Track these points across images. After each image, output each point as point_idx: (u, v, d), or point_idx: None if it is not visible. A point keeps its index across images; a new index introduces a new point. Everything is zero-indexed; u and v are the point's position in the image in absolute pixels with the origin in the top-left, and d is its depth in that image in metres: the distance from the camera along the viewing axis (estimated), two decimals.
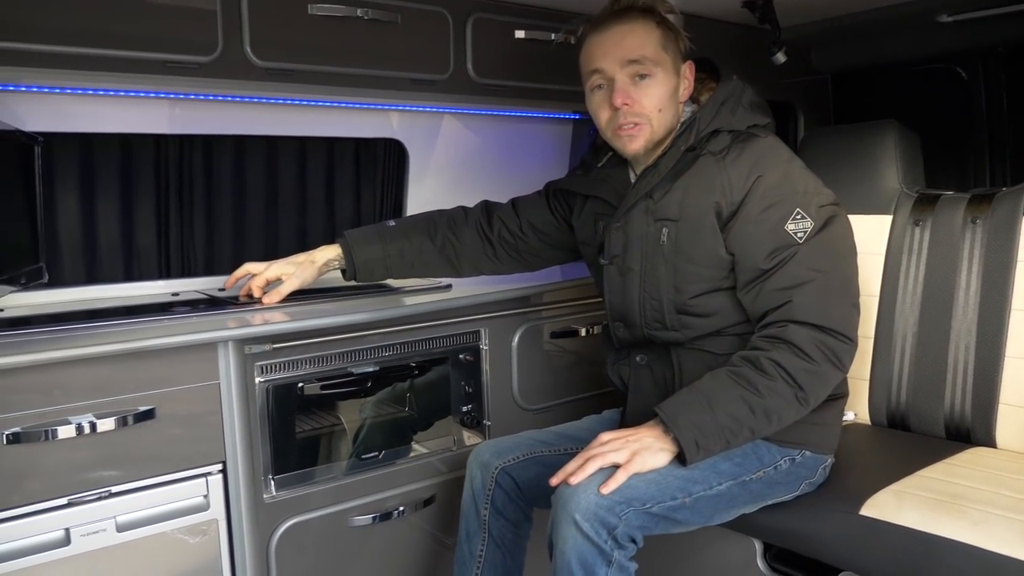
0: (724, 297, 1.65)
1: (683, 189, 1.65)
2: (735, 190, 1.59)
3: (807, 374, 1.50)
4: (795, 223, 1.55)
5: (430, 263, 1.98)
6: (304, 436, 1.88)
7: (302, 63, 1.89)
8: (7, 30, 1.53)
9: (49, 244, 1.99)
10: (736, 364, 1.53)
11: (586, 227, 1.87)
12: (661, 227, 1.66)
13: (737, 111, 1.65)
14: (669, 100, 1.65)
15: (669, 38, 1.65)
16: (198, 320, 1.72)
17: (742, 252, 1.59)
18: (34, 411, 1.44)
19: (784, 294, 1.54)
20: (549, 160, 2.84)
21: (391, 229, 1.96)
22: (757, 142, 1.63)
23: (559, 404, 2.32)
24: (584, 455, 1.49)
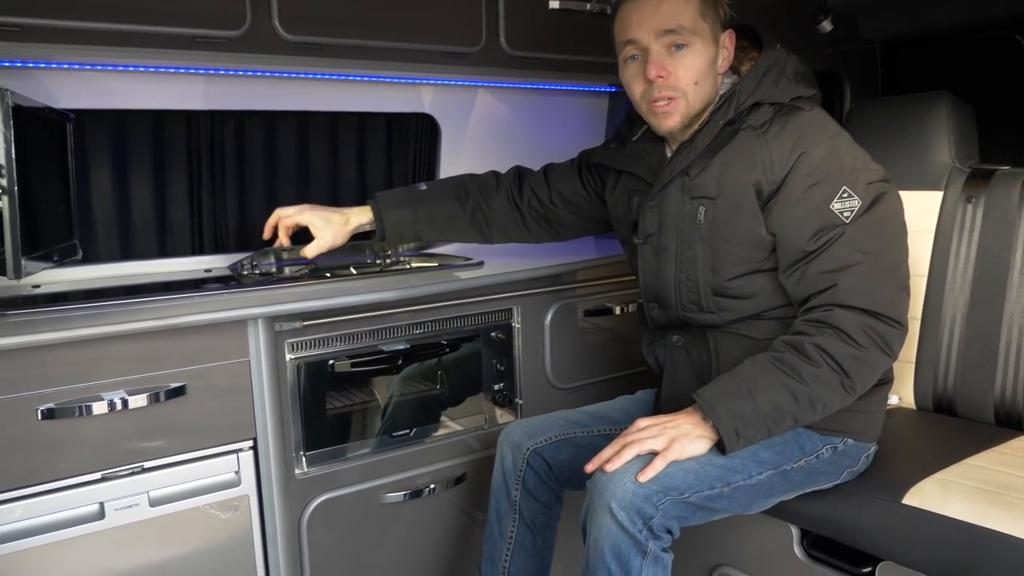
0: (764, 279, 1.58)
1: (721, 165, 1.57)
2: (777, 167, 1.52)
3: (854, 360, 1.43)
4: (841, 202, 1.48)
5: (460, 228, 1.96)
6: (335, 413, 1.88)
7: (331, 37, 1.86)
8: (37, 7, 1.53)
9: (84, 220, 2.00)
10: (778, 349, 1.47)
11: (620, 204, 1.81)
12: (698, 205, 1.60)
13: (780, 82, 1.57)
14: (707, 72, 1.57)
15: (708, 5, 1.56)
16: (229, 297, 1.72)
17: (784, 233, 1.52)
18: (67, 387, 1.46)
19: (829, 277, 1.47)
20: (584, 134, 2.77)
21: (422, 193, 1.93)
22: (801, 115, 1.55)
23: (592, 383, 2.29)
24: (620, 441, 1.45)
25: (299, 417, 1.79)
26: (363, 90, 2.25)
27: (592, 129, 2.79)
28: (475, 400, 2.10)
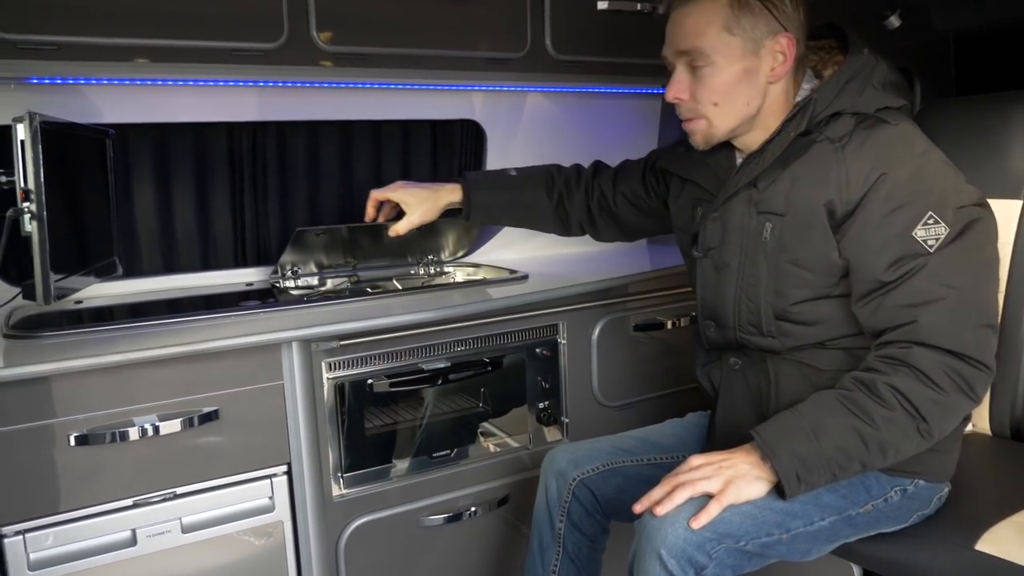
0: (832, 306, 1.45)
1: (791, 180, 1.44)
2: (853, 187, 1.38)
3: (933, 404, 1.30)
4: (926, 229, 1.33)
5: (543, 218, 1.92)
6: (374, 433, 1.83)
7: (370, 46, 1.81)
8: (72, 25, 1.51)
9: (127, 234, 2.01)
10: (848, 387, 1.35)
11: (683, 212, 1.69)
12: (764, 221, 1.47)
13: (865, 91, 1.42)
14: (735, 89, 1.44)
15: (744, 15, 1.41)
16: (265, 317, 1.68)
17: (859, 260, 1.39)
18: (100, 412, 1.44)
19: (909, 312, 1.33)
20: (636, 136, 2.68)
21: (511, 178, 1.91)
22: (885, 130, 1.40)
23: (641, 401, 2.20)
24: (672, 480, 1.34)
25: (336, 438, 1.75)
26: (406, 97, 2.20)
27: (644, 131, 2.69)
28: (518, 419, 2.03)
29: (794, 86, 1.49)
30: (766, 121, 1.49)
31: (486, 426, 1.99)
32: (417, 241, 2.27)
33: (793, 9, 1.43)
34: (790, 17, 1.42)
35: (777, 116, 1.48)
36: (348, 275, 2.22)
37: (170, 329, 1.58)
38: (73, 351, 1.42)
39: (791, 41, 1.43)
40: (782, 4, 1.42)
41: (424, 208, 1.83)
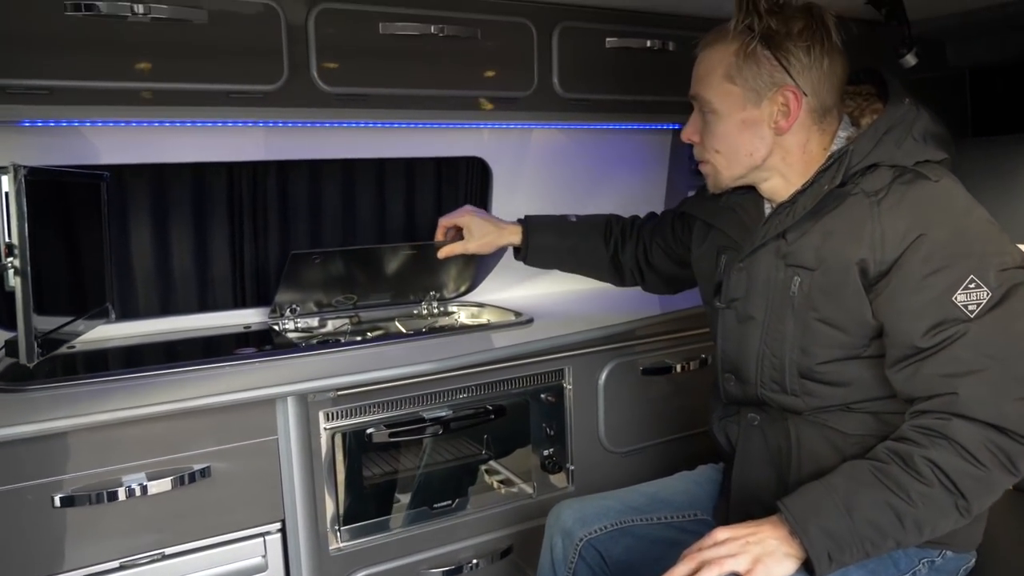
0: (861, 367, 1.38)
1: (823, 234, 1.37)
2: (888, 246, 1.30)
3: (972, 480, 1.22)
4: (967, 293, 1.25)
5: (598, 266, 1.93)
6: (372, 483, 1.77)
7: (373, 87, 1.77)
8: (67, 69, 1.48)
9: (124, 275, 1.97)
10: (882, 459, 1.27)
11: (706, 259, 1.63)
12: (793, 274, 1.40)
13: (904, 143, 1.34)
14: (733, 139, 1.41)
15: (747, 65, 1.36)
16: (261, 367, 1.63)
17: (895, 324, 1.31)
18: (86, 472, 1.39)
19: (947, 382, 1.26)
20: (646, 171, 2.64)
21: (571, 224, 1.93)
22: (925, 186, 1.32)
23: (650, 446, 2.13)
24: (696, 556, 1.25)
25: (334, 490, 1.69)
26: (409, 135, 2.16)
27: (654, 166, 2.65)
28: (522, 466, 1.97)
29: (820, 135, 1.41)
30: (786, 170, 1.43)
31: (488, 474, 1.93)
32: (419, 277, 2.22)
33: (809, 62, 1.35)
34: (802, 69, 1.35)
35: (803, 166, 1.42)
36: (349, 316, 2.17)
37: (162, 381, 1.53)
38: (60, 406, 1.37)
39: (796, 95, 1.36)
40: (793, 56, 1.35)
41: (484, 241, 1.89)
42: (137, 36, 1.52)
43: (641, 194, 2.64)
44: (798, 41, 1.35)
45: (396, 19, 1.76)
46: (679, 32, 2.11)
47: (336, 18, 1.70)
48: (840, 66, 1.38)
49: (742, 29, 1.36)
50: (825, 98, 1.38)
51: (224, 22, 1.58)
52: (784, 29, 1.35)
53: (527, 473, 1.96)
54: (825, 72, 1.37)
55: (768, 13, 1.35)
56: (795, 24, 1.35)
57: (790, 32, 1.35)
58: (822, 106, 1.39)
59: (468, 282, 2.36)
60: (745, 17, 1.36)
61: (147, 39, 1.53)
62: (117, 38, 1.50)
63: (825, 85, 1.37)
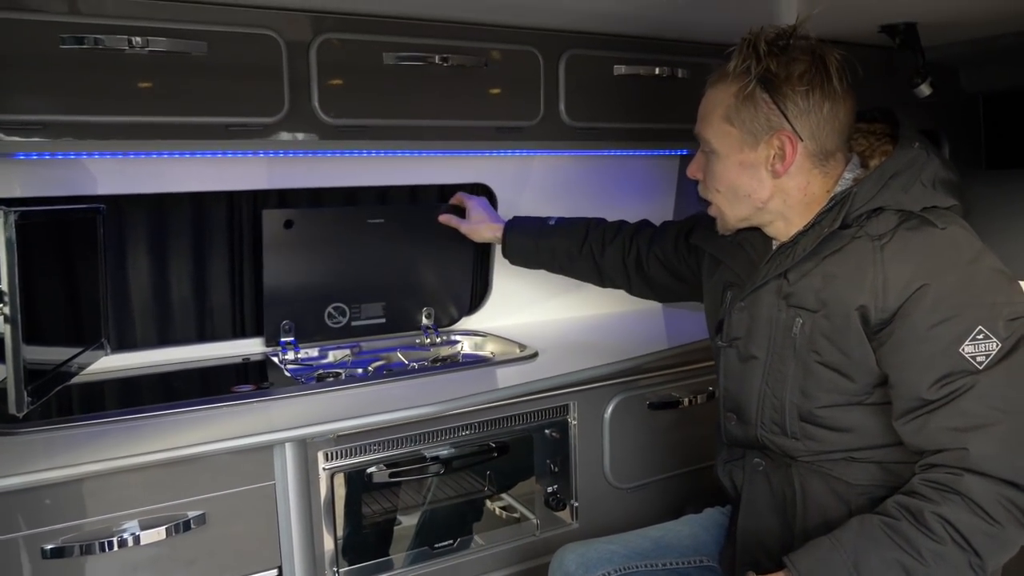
0: (864, 414, 1.35)
1: (824, 276, 1.35)
2: (891, 294, 1.27)
3: (986, 537, 1.19)
4: (974, 344, 1.22)
5: (576, 269, 2.01)
6: (372, 523, 1.73)
7: (376, 118, 1.74)
8: (64, 103, 1.44)
9: (121, 305, 1.93)
10: (892, 515, 1.24)
11: (713, 294, 1.60)
12: (795, 316, 1.38)
13: (912, 188, 1.31)
14: (732, 180, 1.39)
15: (745, 107, 1.34)
16: (259, 408, 1.59)
17: (900, 375, 1.28)
18: (76, 522, 1.35)
19: (957, 437, 1.22)
20: (653, 196, 2.60)
21: (549, 227, 2.01)
22: (931, 234, 1.28)
23: (656, 481, 2.08)
24: None
25: (332, 531, 1.64)
26: (413, 163, 2.12)
27: (662, 190, 2.61)
28: (525, 503, 1.92)
29: (823, 178, 1.38)
30: (788, 212, 1.40)
31: (490, 512, 1.89)
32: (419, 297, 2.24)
33: (807, 104, 1.32)
34: (799, 113, 1.33)
35: (806, 208, 1.39)
36: (351, 347, 2.13)
37: (158, 422, 1.50)
38: (54, 451, 1.34)
39: (792, 139, 1.33)
40: (791, 100, 1.32)
41: (471, 227, 2.09)
42: (135, 69, 1.48)
43: (649, 217, 2.58)
44: (797, 85, 1.32)
45: (400, 48, 1.72)
46: (689, 59, 2.08)
47: (339, 48, 1.67)
48: (844, 110, 1.35)
49: (742, 71, 1.35)
50: (825, 142, 1.35)
51: (224, 54, 1.55)
52: (784, 72, 1.32)
53: (530, 510, 1.92)
54: (825, 116, 1.33)
55: (768, 56, 1.33)
56: (796, 67, 1.32)
57: (790, 76, 1.32)
58: (822, 150, 1.36)
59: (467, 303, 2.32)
60: (744, 59, 1.34)
61: (145, 72, 1.49)
62: (114, 71, 1.46)
63: (825, 129, 1.34)
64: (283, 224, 2.00)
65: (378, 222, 2.14)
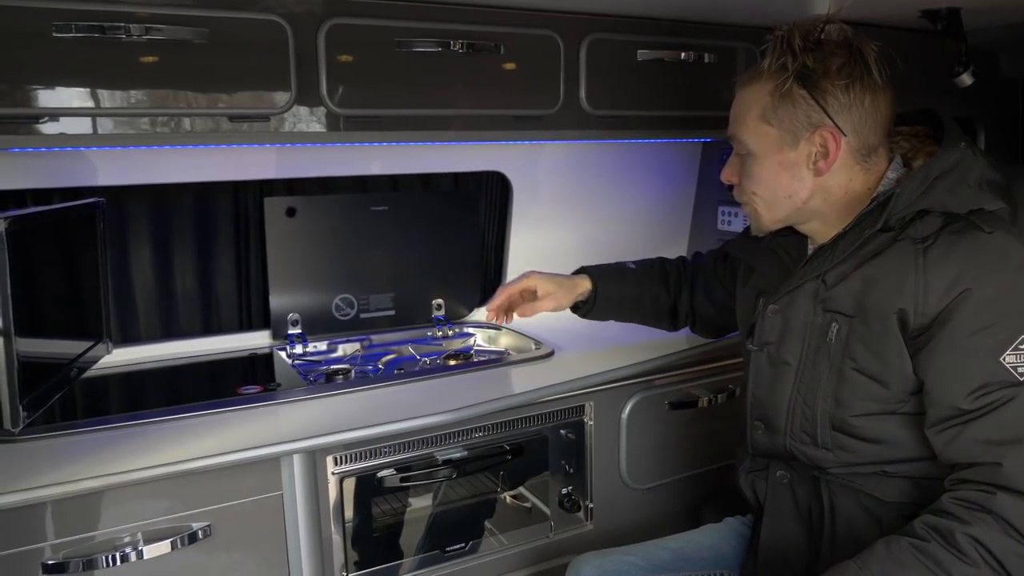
0: (898, 424, 1.29)
1: (863, 280, 1.29)
2: (931, 299, 1.21)
3: (1020, 559, 1.14)
4: (1017, 354, 1.17)
5: (659, 314, 1.85)
6: (383, 526, 1.68)
7: (387, 108, 1.64)
8: (62, 96, 1.36)
9: (125, 298, 1.88)
10: (921, 536, 1.18)
11: (747, 302, 1.55)
12: (831, 320, 1.32)
13: (959, 189, 1.25)
14: (771, 180, 1.34)
15: (783, 105, 1.29)
16: (266, 411, 1.54)
17: (936, 383, 1.22)
18: (77, 536, 1.30)
19: (991, 451, 1.17)
20: (674, 183, 2.51)
21: (632, 271, 1.85)
22: (976, 238, 1.22)
23: (672, 481, 2.03)
24: None
25: (341, 536, 1.60)
26: (424, 151, 2.04)
27: (684, 178, 2.52)
28: (539, 505, 1.87)
29: (865, 175, 1.33)
30: (828, 212, 1.35)
31: (504, 513, 1.84)
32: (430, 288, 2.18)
33: (849, 100, 1.27)
34: (840, 108, 1.28)
35: (847, 208, 1.34)
36: (360, 340, 2.07)
37: (162, 428, 1.45)
38: (56, 459, 1.29)
39: (835, 135, 1.28)
40: (831, 94, 1.27)
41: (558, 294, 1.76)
42: (134, 58, 1.40)
43: (667, 207, 2.52)
44: (836, 79, 1.27)
45: (413, 34, 1.63)
46: (717, 42, 1.97)
47: (348, 34, 1.58)
48: (885, 103, 1.30)
49: (777, 68, 1.29)
50: (868, 137, 1.30)
51: (227, 42, 1.46)
52: (821, 67, 1.27)
53: (544, 511, 1.87)
54: (867, 110, 1.28)
55: (804, 51, 1.27)
56: (833, 61, 1.27)
57: (828, 70, 1.27)
58: (865, 146, 1.30)
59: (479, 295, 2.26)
60: (780, 56, 1.29)
61: (145, 61, 1.41)
62: (112, 61, 1.38)
63: (868, 124, 1.29)
64: (286, 212, 1.95)
65: (382, 209, 2.08)
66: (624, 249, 2.45)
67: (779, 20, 1.80)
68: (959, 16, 1.85)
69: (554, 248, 2.35)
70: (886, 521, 1.32)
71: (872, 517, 1.33)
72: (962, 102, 2.27)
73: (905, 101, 1.39)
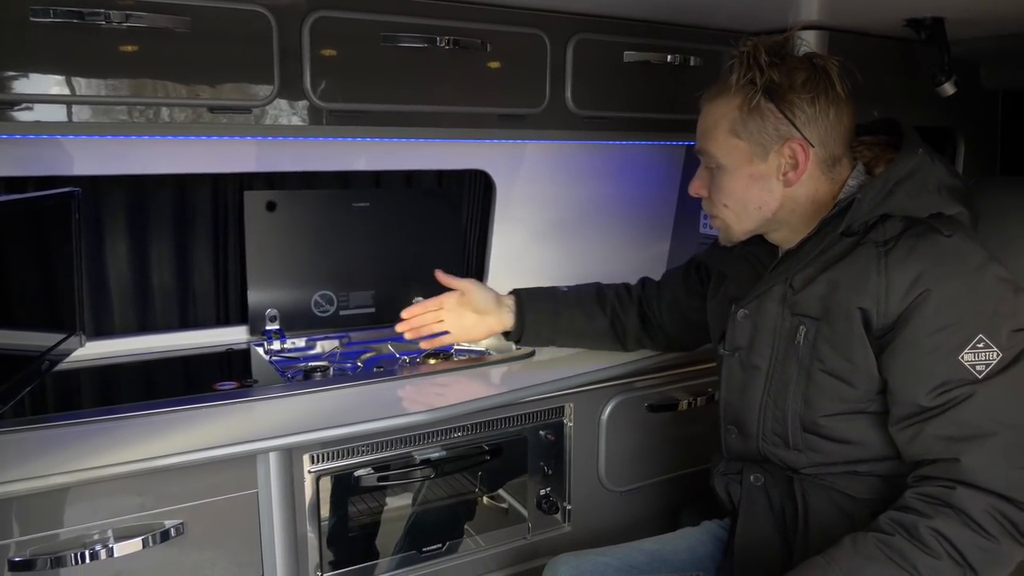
0: (868, 424, 1.32)
1: (828, 283, 1.32)
2: (892, 300, 1.25)
3: (980, 552, 1.16)
4: (975, 353, 1.20)
5: (599, 335, 1.87)
6: (359, 526, 1.66)
7: (371, 103, 1.63)
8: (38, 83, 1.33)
9: (99, 290, 1.84)
10: (886, 530, 1.21)
11: (719, 309, 1.58)
12: (799, 323, 1.36)
13: (920, 194, 1.29)
14: (742, 193, 1.37)
15: (752, 118, 1.32)
16: (241, 408, 1.52)
17: (898, 381, 1.26)
18: (45, 533, 1.27)
19: (951, 446, 1.20)
20: (657, 184, 2.51)
21: (564, 295, 1.87)
22: (936, 241, 1.25)
23: (651, 483, 2.03)
24: None
25: (317, 536, 1.58)
26: (408, 147, 2.02)
27: (666, 179, 2.52)
28: (516, 506, 1.86)
29: (830, 185, 1.38)
30: (795, 221, 1.40)
31: (481, 514, 1.83)
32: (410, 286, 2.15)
33: (815, 112, 1.32)
34: (807, 120, 1.32)
35: (813, 215, 1.38)
36: (339, 337, 2.05)
37: (135, 424, 1.42)
38: (25, 454, 1.26)
39: (803, 147, 1.33)
40: (798, 107, 1.31)
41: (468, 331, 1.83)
42: (113, 46, 1.37)
43: (650, 209, 2.52)
44: (802, 92, 1.31)
45: (399, 29, 1.61)
46: (703, 46, 1.98)
47: (333, 28, 1.56)
48: (847, 115, 1.35)
49: (744, 83, 1.32)
50: (833, 148, 1.35)
51: (210, 31, 1.43)
52: (787, 81, 1.31)
53: (522, 512, 1.86)
54: (831, 122, 1.33)
55: (770, 66, 1.31)
56: (798, 76, 1.32)
57: (793, 84, 1.31)
58: (831, 156, 1.35)
59: None
60: (747, 71, 1.32)
61: (124, 49, 1.38)
62: (90, 48, 1.35)
63: (832, 135, 1.34)
64: (265, 206, 1.93)
65: (364, 206, 2.06)
66: (606, 251, 2.46)
67: (765, 25, 1.82)
68: (943, 26, 1.86)
69: (536, 248, 2.34)
70: (858, 518, 1.34)
71: (844, 514, 1.36)
72: (942, 113, 2.29)
73: (886, 109, 1.41)
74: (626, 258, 2.48)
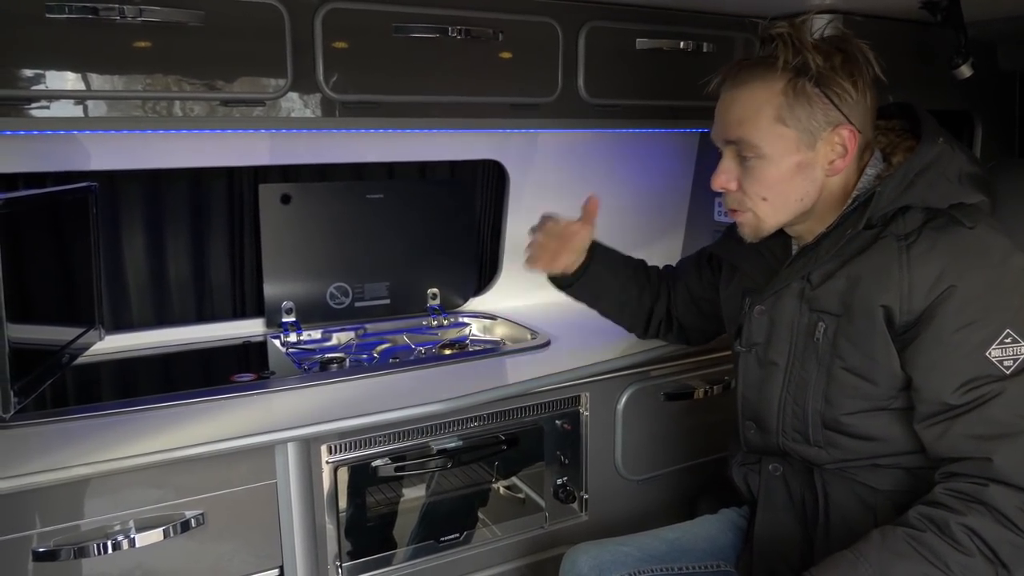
0: (890, 420, 1.30)
1: (848, 278, 1.29)
2: (916, 296, 1.22)
3: (1013, 549, 1.14)
4: (1002, 348, 1.17)
5: (636, 313, 1.83)
6: (378, 516, 1.67)
7: (384, 94, 1.62)
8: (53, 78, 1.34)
9: (117, 284, 1.86)
10: (916, 526, 1.19)
11: (732, 301, 1.55)
12: (817, 320, 1.32)
13: (939, 184, 1.25)
14: (784, 185, 1.30)
15: (799, 104, 1.26)
16: (260, 399, 1.53)
17: (924, 379, 1.23)
18: (68, 524, 1.28)
19: (981, 445, 1.17)
20: (671, 172, 2.50)
21: (628, 259, 1.83)
22: (958, 233, 1.22)
23: (668, 472, 2.03)
24: None
25: (335, 526, 1.59)
26: (421, 138, 2.02)
27: (681, 168, 2.51)
28: (533, 496, 1.86)
29: (857, 173, 1.33)
30: (822, 212, 1.35)
31: (498, 504, 1.83)
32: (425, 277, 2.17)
33: (858, 96, 1.27)
34: (853, 105, 1.27)
35: (839, 204, 1.34)
36: (355, 329, 2.05)
37: (155, 416, 1.43)
38: (48, 445, 1.27)
39: (852, 133, 1.28)
40: (844, 92, 1.26)
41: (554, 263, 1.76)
42: (127, 41, 1.37)
43: (664, 197, 2.51)
44: (844, 76, 1.26)
45: (410, 19, 1.61)
46: (716, 32, 1.96)
47: (345, 19, 1.56)
48: (876, 100, 1.31)
49: (790, 66, 1.26)
50: (868, 133, 1.31)
51: (223, 25, 1.44)
52: (828, 64, 1.26)
53: (539, 502, 1.86)
54: (869, 107, 1.29)
55: (812, 48, 1.26)
56: (836, 58, 1.26)
57: (834, 67, 1.26)
58: (866, 143, 1.32)
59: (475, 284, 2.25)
60: (794, 55, 1.25)
61: (138, 44, 1.39)
62: (105, 43, 1.35)
63: (869, 120, 1.30)
64: (280, 199, 1.94)
65: (377, 197, 2.07)
66: (620, 239, 2.44)
67: (778, 9, 1.80)
68: (959, 7, 1.83)
69: None
70: (880, 510, 1.33)
71: (866, 506, 1.33)
72: (959, 96, 2.27)
73: (903, 93, 1.38)
74: (641, 246, 2.46)
